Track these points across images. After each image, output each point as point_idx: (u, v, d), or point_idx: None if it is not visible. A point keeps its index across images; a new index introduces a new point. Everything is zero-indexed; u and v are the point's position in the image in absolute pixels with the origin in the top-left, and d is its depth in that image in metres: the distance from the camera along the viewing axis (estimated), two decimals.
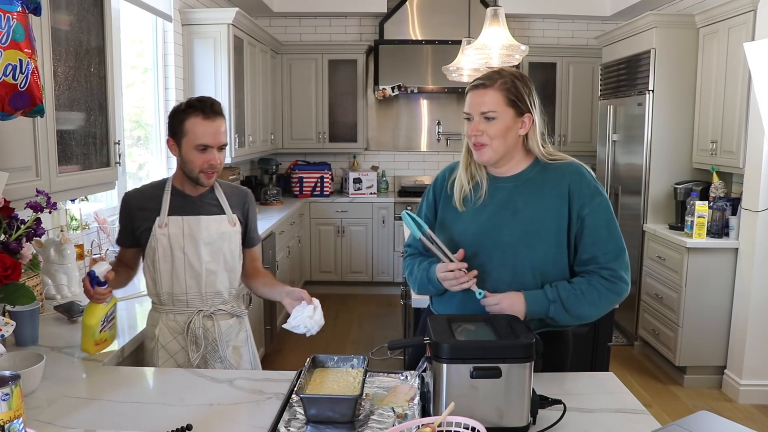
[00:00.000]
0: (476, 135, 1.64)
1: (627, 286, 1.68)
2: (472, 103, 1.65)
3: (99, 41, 2.32)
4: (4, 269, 1.46)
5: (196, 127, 1.87)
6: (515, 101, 1.63)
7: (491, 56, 2.86)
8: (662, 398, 3.75)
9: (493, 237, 1.67)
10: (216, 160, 1.91)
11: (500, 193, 1.70)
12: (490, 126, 1.62)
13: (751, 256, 3.62)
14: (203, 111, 1.88)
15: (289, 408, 1.47)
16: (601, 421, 1.47)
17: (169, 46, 4.10)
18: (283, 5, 5.83)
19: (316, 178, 6.01)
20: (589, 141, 5.96)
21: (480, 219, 1.69)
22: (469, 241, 1.69)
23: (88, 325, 1.81)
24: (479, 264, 1.67)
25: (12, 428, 1.18)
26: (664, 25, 4.24)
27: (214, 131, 1.88)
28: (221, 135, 1.91)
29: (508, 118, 1.63)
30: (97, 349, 1.85)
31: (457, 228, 1.72)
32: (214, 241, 1.97)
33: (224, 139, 1.93)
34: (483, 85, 1.64)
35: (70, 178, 2.14)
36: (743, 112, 3.67)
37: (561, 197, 1.66)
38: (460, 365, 1.35)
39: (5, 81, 1.37)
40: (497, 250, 1.67)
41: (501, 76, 1.64)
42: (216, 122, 1.89)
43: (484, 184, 1.71)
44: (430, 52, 5.86)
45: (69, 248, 2.51)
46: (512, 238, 1.66)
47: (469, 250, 1.68)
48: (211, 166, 1.91)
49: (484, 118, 1.63)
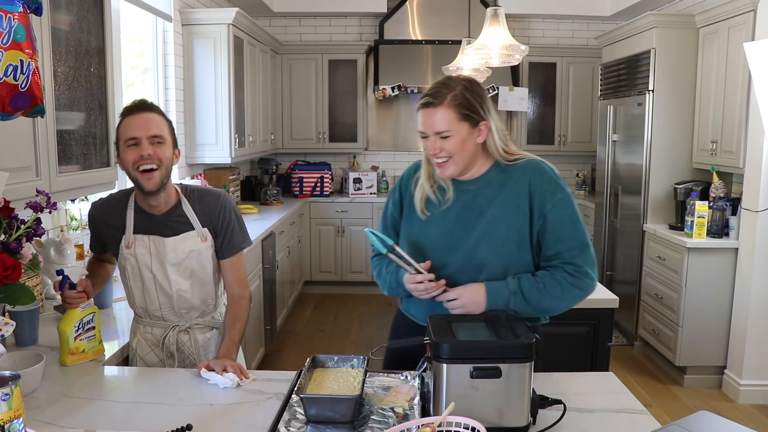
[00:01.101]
0: (435, 153, 1.63)
1: (592, 282, 1.66)
2: (425, 123, 1.62)
3: (99, 41, 2.32)
4: (4, 269, 1.46)
5: (123, 126, 1.78)
6: (468, 114, 1.61)
7: (491, 56, 2.86)
8: (662, 398, 3.75)
9: (459, 239, 1.67)
10: (146, 151, 1.74)
11: (465, 196, 1.70)
12: (447, 143, 1.61)
13: (751, 256, 3.62)
14: (129, 111, 1.80)
15: (289, 408, 1.47)
16: (601, 421, 1.47)
17: (169, 46, 4.10)
18: (283, 5, 5.83)
19: (316, 178, 6.01)
20: (589, 141, 5.96)
21: (446, 222, 1.70)
22: (436, 243, 1.69)
23: (61, 330, 1.78)
24: (446, 264, 1.68)
25: (12, 428, 1.18)
26: (664, 25, 4.24)
27: (139, 123, 1.76)
28: (152, 126, 1.76)
29: (462, 132, 1.61)
30: (73, 360, 1.79)
31: (424, 230, 1.72)
32: (183, 260, 1.87)
33: (156, 131, 1.76)
34: (432, 104, 1.61)
35: (70, 178, 2.14)
36: (743, 112, 3.68)
37: (522, 196, 1.66)
38: (460, 365, 1.35)
39: (6, 81, 1.37)
40: (461, 251, 1.67)
41: (449, 90, 1.60)
42: (143, 115, 1.77)
43: (450, 188, 1.70)
44: (430, 52, 5.86)
45: (69, 248, 2.51)
46: (477, 240, 1.66)
47: (436, 251, 1.69)
48: (141, 158, 1.74)
49: (440, 137, 1.61)
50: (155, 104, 1.85)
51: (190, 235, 1.87)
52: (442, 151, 1.62)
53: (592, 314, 2.61)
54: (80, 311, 1.80)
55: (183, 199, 1.89)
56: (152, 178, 1.77)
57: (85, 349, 1.82)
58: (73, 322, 1.78)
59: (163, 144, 1.78)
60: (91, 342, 1.84)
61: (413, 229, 1.75)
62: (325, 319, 5.31)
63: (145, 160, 1.74)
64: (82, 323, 1.81)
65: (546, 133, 6.07)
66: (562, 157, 6.30)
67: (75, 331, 1.79)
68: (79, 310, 1.80)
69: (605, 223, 5.10)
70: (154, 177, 1.77)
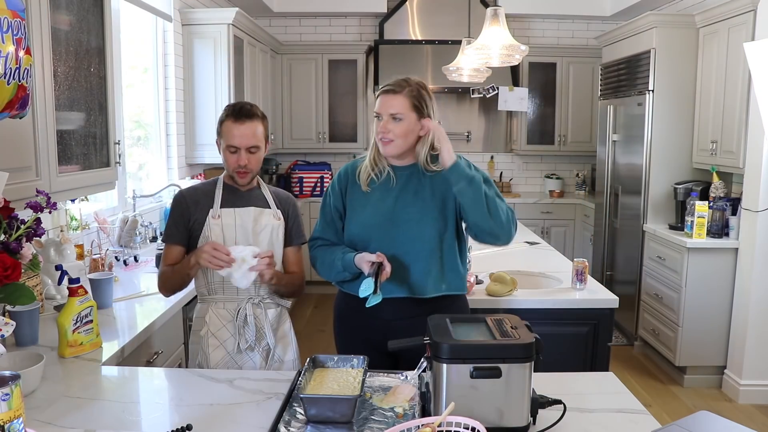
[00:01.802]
0: (384, 132, 1.89)
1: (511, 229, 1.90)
2: (383, 105, 1.91)
3: (99, 41, 2.32)
4: (4, 269, 1.46)
5: (227, 129, 2.01)
6: (418, 106, 1.90)
7: (491, 56, 2.86)
8: (662, 398, 3.75)
9: (400, 215, 1.94)
10: (243, 161, 2.02)
11: (401, 178, 1.97)
12: (397, 126, 1.89)
13: (751, 256, 3.62)
14: (233, 114, 2.01)
15: (289, 408, 1.47)
16: (601, 421, 1.47)
17: (169, 46, 4.11)
18: (283, 5, 5.83)
19: (316, 178, 6.02)
20: (589, 141, 5.96)
21: (388, 199, 1.96)
22: (379, 219, 1.94)
23: (60, 323, 1.82)
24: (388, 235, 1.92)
25: (12, 428, 1.18)
26: (664, 25, 4.24)
27: (241, 134, 1.99)
28: (249, 138, 2.00)
29: (411, 119, 1.89)
30: (71, 353, 1.84)
31: (368, 209, 1.97)
32: (262, 230, 2.08)
33: (253, 142, 2.02)
34: (393, 90, 1.90)
35: (70, 178, 2.14)
36: (743, 112, 3.68)
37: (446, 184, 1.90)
38: (460, 365, 1.35)
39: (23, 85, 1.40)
40: (404, 225, 1.93)
41: (408, 85, 1.90)
42: (244, 125, 2.00)
43: (388, 171, 1.97)
44: (430, 52, 5.86)
45: (69, 248, 2.50)
46: (415, 215, 1.93)
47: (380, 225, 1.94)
48: (239, 167, 2.02)
49: (393, 119, 1.88)
50: (257, 107, 2.06)
51: (267, 212, 2.12)
52: (390, 132, 1.89)
53: (592, 314, 2.61)
54: (78, 305, 1.84)
55: (262, 183, 2.18)
56: (245, 177, 2.06)
57: (83, 341, 1.86)
58: (72, 315, 1.82)
59: (257, 151, 2.05)
60: (89, 335, 1.88)
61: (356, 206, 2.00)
62: (325, 319, 5.31)
63: (241, 168, 2.03)
64: (80, 316, 1.84)
65: (546, 133, 6.07)
66: (562, 157, 6.31)
67: (73, 324, 1.83)
68: (77, 304, 1.84)
69: (605, 223, 5.10)
70: (247, 177, 2.07)
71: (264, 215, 2.11)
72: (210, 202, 2.08)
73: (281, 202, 2.17)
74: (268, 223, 2.11)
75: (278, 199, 2.17)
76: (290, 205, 2.20)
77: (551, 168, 6.40)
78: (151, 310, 2.38)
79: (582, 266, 2.73)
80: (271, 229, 2.11)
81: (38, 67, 1.90)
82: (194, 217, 2.07)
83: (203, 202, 2.08)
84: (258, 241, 2.08)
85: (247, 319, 2.04)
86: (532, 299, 2.62)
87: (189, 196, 2.11)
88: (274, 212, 2.13)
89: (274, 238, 2.11)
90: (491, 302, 2.55)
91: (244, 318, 2.04)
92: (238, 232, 2.06)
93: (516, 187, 6.41)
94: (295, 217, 2.20)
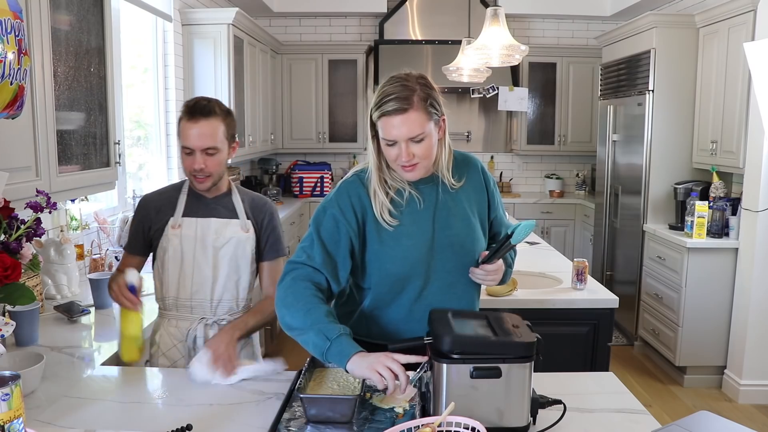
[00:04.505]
0: (408, 159, 1.51)
1: None
2: (395, 130, 1.49)
3: (99, 41, 2.32)
4: (4, 269, 1.46)
5: (182, 129, 1.81)
6: (432, 111, 1.53)
7: (491, 56, 2.86)
8: (662, 398, 3.75)
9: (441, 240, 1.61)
10: (199, 164, 1.80)
11: (428, 196, 1.62)
12: (420, 147, 1.51)
13: (751, 256, 3.62)
14: (188, 112, 1.80)
15: (289, 408, 1.47)
16: (601, 421, 1.47)
17: (169, 46, 4.10)
18: (283, 5, 5.83)
19: (316, 178, 6.01)
20: (589, 141, 5.96)
21: (424, 226, 1.60)
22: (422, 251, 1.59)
23: (134, 336, 1.79)
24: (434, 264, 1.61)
25: (12, 428, 1.18)
26: (664, 25, 4.24)
27: (196, 134, 1.78)
28: (206, 138, 1.78)
29: (431, 131, 1.53)
30: (140, 355, 1.84)
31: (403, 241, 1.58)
32: (223, 245, 1.89)
33: (210, 143, 1.79)
34: (402, 109, 1.48)
35: (70, 178, 2.14)
36: (743, 112, 3.68)
37: (479, 187, 1.70)
38: (460, 365, 1.35)
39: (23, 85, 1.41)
40: (449, 249, 1.61)
41: (412, 91, 1.50)
42: (199, 124, 1.78)
43: (408, 189, 1.60)
44: (430, 52, 5.86)
45: (69, 248, 2.50)
46: (459, 238, 1.62)
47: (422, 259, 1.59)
48: (195, 171, 1.81)
49: (413, 142, 1.50)
50: (215, 102, 1.84)
51: (233, 223, 1.91)
52: (415, 157, 1.51)
53: (592, 314, 2.61)
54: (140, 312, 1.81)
55: (234, 189, 1.95)
56: (204, 182, 1.85)
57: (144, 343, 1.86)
58: (140, 325, 1.81)
59: (216, 153, 1.82)
60: None
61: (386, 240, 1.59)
62: None
63: (197, 172, 1.82)
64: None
65: (546, 133, 6.07)
66: (562, 157, 6.31)
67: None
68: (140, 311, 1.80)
69: (605, 223, 5.10)
70: (206, 182, 1.85)
71: (229, 227, 1.90)
72: (173, 208, 1.90)
73: (254, 210, 1.94)
74: (234, 236, 1.89)
75: (251, 208, 1.94)
76: (265, 214, 1.95)
77: (551, 168, 6.40)
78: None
79: (582, 266, 2.73)
80: (236, 243, 1.89)
81: (38, 67, 1.90)
82: (155, 226, 1.91)
83: (165, 209, 1.91)
84: (218, 257, 1.88)
85: (196, 341, 1.89)
86: (532, 299, 2.62)
87: (151, 202, 1.95)
88: (243, 223, 1.91)
89: (240, 253, 1.90)
90: (491, 302, 2.55)
91: (194, 340, 1.89)
92: (198, 246, 1.87)
93: (516, 187, 6.41)
94: (271, 228, 1.95)
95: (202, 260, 1.89)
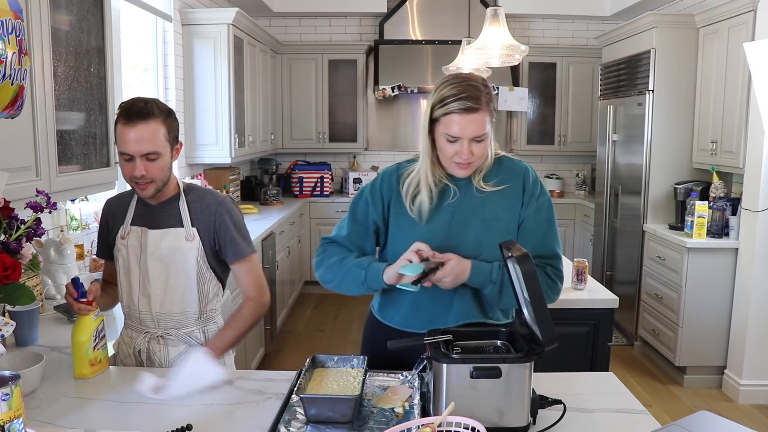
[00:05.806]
0: (467, 156, 1.58)
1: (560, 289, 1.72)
2: (464, 127, 1.55)
3: (99, 41, 2.32)
4: (4, 269, 1.46)
5: (119, 134, 1.67)
6: (493, 111, 1.60)
7: (491, 56, 2.86)
8: (662, 398, 3.75)
9: (456, 234, 1.66)
10: (139, 171, 1.66)
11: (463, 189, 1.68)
12: (479, 147, 1.58)
13: (751, 256, 3.62)
14: (124, 115, 1.66)
15: (289, 408, 1.47)
16: (601, 421, 1.47)
17: (169, 46, 4.10)
18: (283, 5, 5.83)
19: (316, 178, 6.01)
20: (589, 141, 5.96)
21: (443, 218, 1.67)
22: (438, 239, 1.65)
23: (79, 341, 1.66)
24: None
25: (12, 428, 1.18)
26: (664, 25, 4.24)
27: (135, 138, 1.64)
28: (145, 143, 1.64)
29: (491, 134, 1.61)
30: (93, 371, 1.69)
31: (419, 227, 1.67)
32: (163, 257, 1.76)
33: (150, 147, 1.65)
34: (474, 108, 1.54)
35: (70, 178, 2.14)
36: (743, 112, 3.68)
37: (516, 194, 1.68)
38: (460, 365, 1.35)
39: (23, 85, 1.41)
40: (462, 246, 1.65)
41: (480, 91, 1.56)
42: (137, 127, 1.64)
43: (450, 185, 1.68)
44: (430, 52, 5.86)
45: (69, 248, 2.50)
46: (476, 236, 1.66)
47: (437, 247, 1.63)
48: (135, 178, 1.68)
49: (475, 141, 1.57)
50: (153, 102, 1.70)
51: (175, 231, 1.77)
52: (473, 156, 1.58)
53: (592, 314, 2.61)
54: (94, 319, 1.69)
55: (181, 194, 1.81)
56: (146, 189, 1.72)
57: (101, 358, 1.72)
58: (91, 332, 1.67)
59: (158, 158, 1.69)
60: (104, 350, 1.74)
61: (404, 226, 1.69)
62: (324, 319, 5.31)
63: (138, 179, 1.69)
64: (98, 332, 1.70)
65: (546, 133, 6.07)
66: (562, 157, 6.31)
67: (93, 340, 1.68)
68: (93, 318, 1.69)
69: (605, 223, 5.10)
70: (148, 189, 1.72)
71: (168, 236, 1.76)
72: (124, 215, 1.82)
73: (201, 215, 1.78)
74: (176, 246, 1.76)
75: (198, 213, 1.79)
76: (215, 217, 1.78)
77: (551, 168, 6.40)
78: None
79: (582, 266, 2.73)
80: (178, 253, 1.76)
81: (38, 67, 1.90)
82: (112, 234, 1.83)
83: (119, 216, 1.83)
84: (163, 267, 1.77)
85: (141, 354, 1.81)
86: None
87: (111, 207, 1.87)
88: (186, 231, 1.76)
89: (183, 264, 1.76)
90: None
91: (139, 352, 1.81)
92: (142, 256, 1.76)
93: None
94: (224, 229, 1.79)
95: (144, 273, 1.78)
